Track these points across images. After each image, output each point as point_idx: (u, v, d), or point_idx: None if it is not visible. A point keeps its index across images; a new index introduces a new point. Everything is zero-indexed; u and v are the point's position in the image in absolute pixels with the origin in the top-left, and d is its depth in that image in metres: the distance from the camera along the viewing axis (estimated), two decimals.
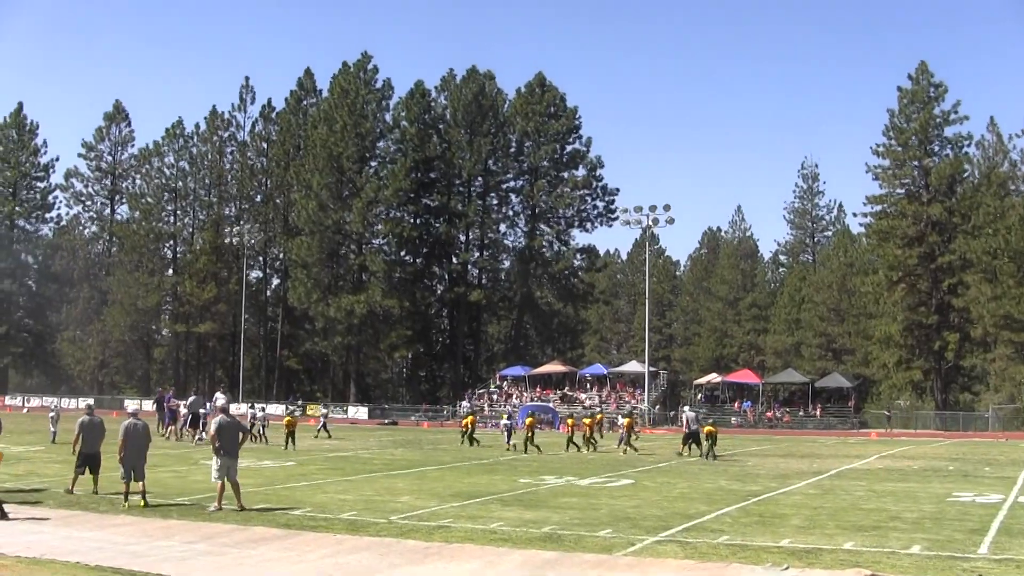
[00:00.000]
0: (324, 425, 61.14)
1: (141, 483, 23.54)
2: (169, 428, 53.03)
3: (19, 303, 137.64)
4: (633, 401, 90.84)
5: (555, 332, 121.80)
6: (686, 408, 63.28)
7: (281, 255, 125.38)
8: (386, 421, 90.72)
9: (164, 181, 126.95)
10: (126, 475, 23.40)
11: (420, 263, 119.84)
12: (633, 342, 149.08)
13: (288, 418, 49.64)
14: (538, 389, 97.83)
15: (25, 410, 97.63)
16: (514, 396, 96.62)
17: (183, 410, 53.51)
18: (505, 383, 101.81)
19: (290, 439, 46.84)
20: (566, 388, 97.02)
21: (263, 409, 61.06)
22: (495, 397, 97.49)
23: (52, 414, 49.20)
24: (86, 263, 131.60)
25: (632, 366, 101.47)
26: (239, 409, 66.96)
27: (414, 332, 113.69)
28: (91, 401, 63.81)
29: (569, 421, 52.78)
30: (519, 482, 30.63)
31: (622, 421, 50.92)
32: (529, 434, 49.13)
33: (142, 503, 22.92)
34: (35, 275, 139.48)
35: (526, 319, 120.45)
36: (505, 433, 53.48)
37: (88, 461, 25.49)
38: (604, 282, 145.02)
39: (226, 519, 20.87)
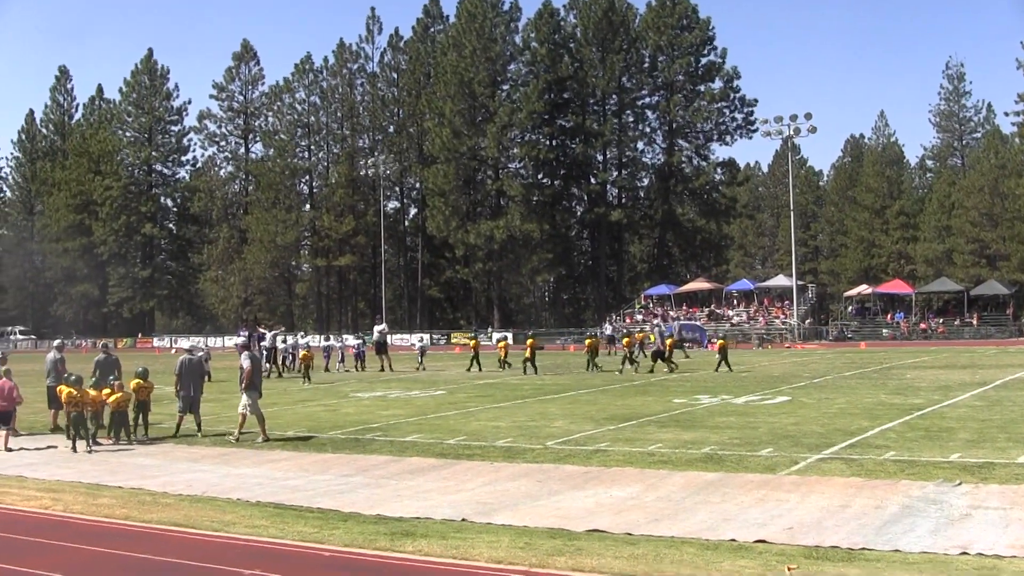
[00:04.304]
0: (302, 365, 48.15)
1: (196, 416, 24.83)
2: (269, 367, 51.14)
3: (161, 246, 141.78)
4: (783, 316, 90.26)
5: (698, 249, 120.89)
6: (658, 323, 64.19)
7: (417, 184, 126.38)
8: None
9: (296, 117, 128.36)
10: (182, 408, 24.82)
11: (558, 185, 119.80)
12: (778, 256, 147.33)
13: (304, 352, 47.88)
14: (684, 307, 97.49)
15: (173, 351, 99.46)
16: (660, 313, 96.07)
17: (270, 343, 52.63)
18: (650, 303, 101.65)
19: (306, 374, 45.91)
20: (713, 305, 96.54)
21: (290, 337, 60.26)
22: (641, 317, 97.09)
23: (201, 354, 48.47)
24: (224, 203, 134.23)
25: (779, 280, 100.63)
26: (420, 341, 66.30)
27: (555, 255, 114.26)
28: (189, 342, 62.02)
29: (626, 340, 50.85)
30: (673, 403, 30.20)
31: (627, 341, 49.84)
32: (669, 352, 48.58)
33: (199, 434, 24.33)
34: (175, 218, 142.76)
35: (668, 237, 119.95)
36: (419, 355, 55.54)
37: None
38: (746, 196, 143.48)
39: (381, 450, 21.00)
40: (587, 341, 50.54)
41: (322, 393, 38.24)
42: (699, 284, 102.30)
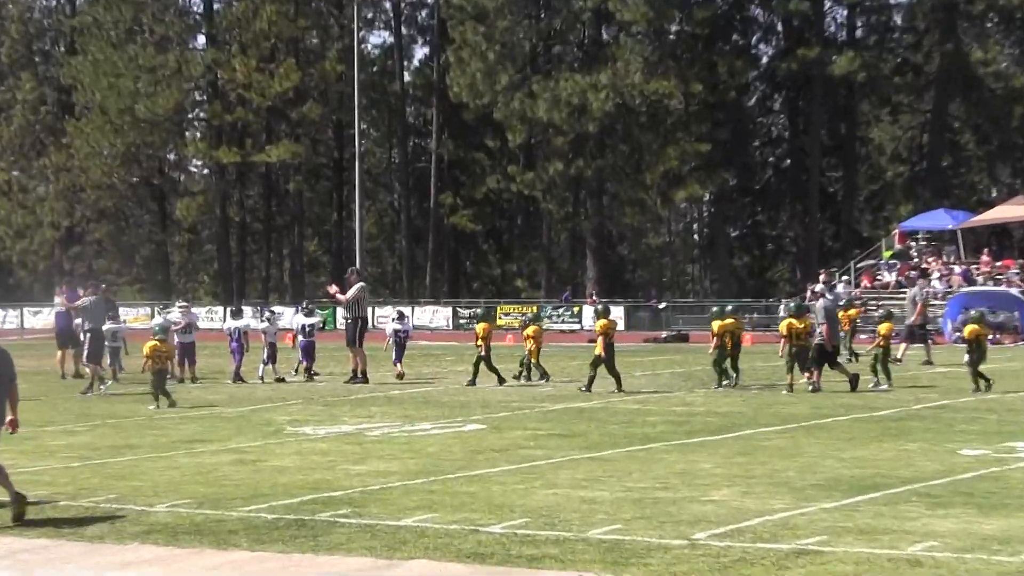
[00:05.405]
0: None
1: None
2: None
3: None
4: None
5: (1015, 135, 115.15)
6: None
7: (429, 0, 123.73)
8: (664, 335, 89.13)
9: None
10: None
11: (721, 4, 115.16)
12: None
13: (155, 343, 44.32)
14: (985, 256, 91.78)
15: None
16: (931, 269, 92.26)
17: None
18: (912, 246, 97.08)
19: (160, 389, 42.98)
20: None
21: None
22: (888, 274, 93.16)
23: None
24: (25, 34, 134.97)
25: None
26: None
27: (714, 146, 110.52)
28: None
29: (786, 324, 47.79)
30: (960, 456, 28.57)
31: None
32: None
33: None
34: None
35: (953, 110, 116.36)
36: (393, 345, 54.77)
37: None
38: None
39: (351, 545, 18.97)
40: (716, 324, 47.90)
41: (230, 426, 36.91)
42: (1014, 209, 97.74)
